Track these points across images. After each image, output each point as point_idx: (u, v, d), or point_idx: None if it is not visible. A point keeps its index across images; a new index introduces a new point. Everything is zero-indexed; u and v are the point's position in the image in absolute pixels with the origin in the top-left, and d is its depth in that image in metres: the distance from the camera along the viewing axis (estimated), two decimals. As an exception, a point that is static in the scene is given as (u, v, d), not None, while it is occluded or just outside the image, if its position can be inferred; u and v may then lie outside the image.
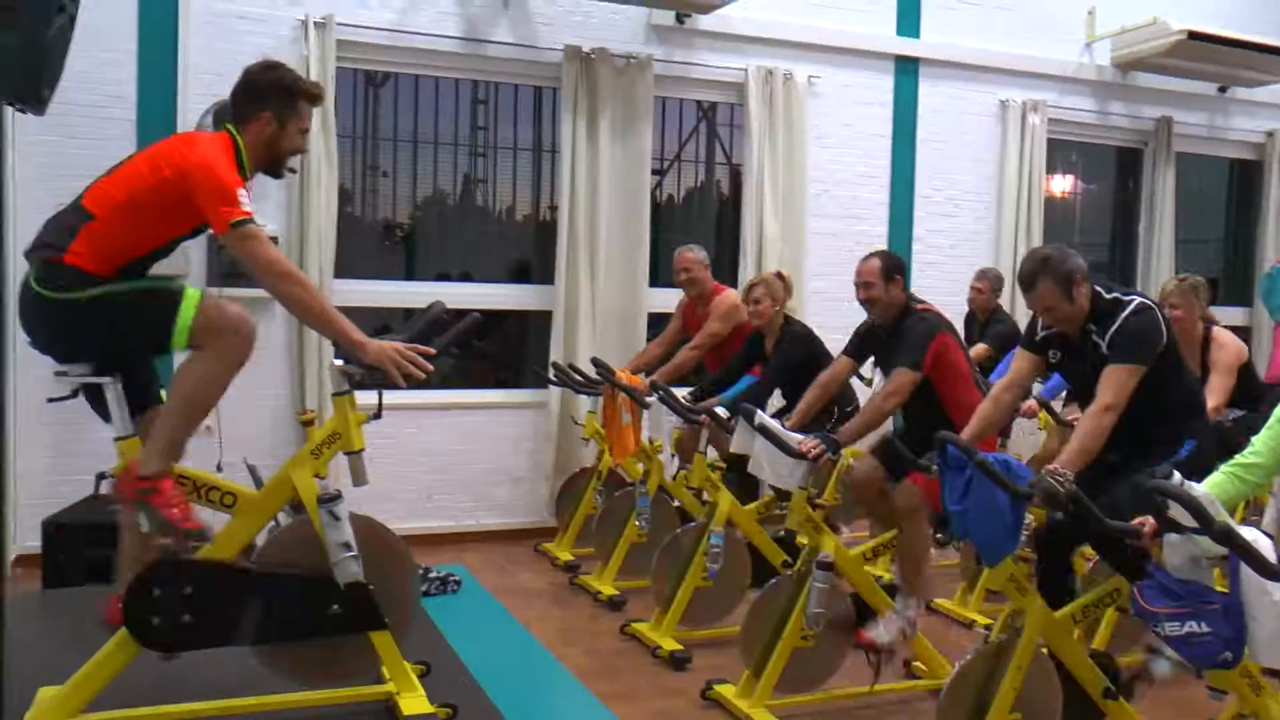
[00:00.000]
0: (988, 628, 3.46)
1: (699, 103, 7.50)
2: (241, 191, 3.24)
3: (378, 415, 3.63)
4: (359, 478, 3.61)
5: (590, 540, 5.91)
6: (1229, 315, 8.27)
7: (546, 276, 6.87)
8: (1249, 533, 2.50)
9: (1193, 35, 7.71)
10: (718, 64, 7.13)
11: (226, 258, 5.44)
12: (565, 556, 6.14)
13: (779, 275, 5.54)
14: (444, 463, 6.65)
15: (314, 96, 3.58)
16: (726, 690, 4.14)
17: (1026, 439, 6.43)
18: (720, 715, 4.08)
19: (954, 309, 7.00)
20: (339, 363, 3.54)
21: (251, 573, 3.47)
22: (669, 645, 4.66)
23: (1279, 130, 9.12)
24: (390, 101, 6.86)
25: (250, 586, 3.45)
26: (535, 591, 5.69)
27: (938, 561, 5.51)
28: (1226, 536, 2.44)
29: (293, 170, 3.76)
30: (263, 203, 5.75)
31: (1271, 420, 3.01)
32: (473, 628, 5.02)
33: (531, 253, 7.27)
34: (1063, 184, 9.08)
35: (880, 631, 4.13)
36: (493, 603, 5.44)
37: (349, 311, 3.70)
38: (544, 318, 6.87)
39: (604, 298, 6.81)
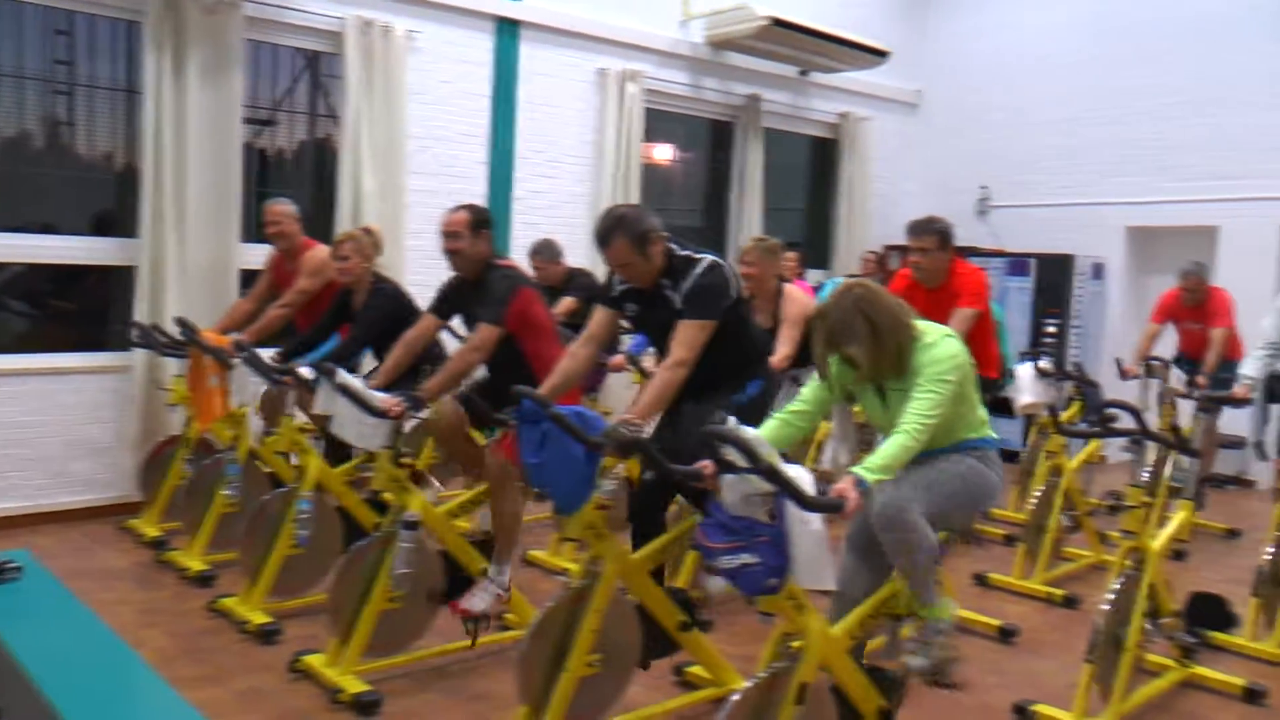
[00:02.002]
0: (581, 576, 3.54)
1: (303, 52, 7.18)
2: None
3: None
4: None
5: (179, 514, 5.56)
6: (808, 277, 8.96)
7: (132, 229, 6.34)
8: (793, 470, 2.69)
9: (776, 22, 8.36)
10: (314, 10, 6.82)
11: None
12: (151, 532, 5.75)
13: (367, 230, 5.39)
14: (13, 436, 6.01)
15: None
16: (315, 660, 4.02)
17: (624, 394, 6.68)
18: (309, 687, 3.95)
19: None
20: None
21: None
22: (258, 619, 4.47)
23: (851, 113, 10.04)
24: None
25: None
26: (115, 572, 5.27)
27: (530, 515, 5.57)
28: (772, 473, 2.62)
29: None
30: None
31: (816, 373, 3.30)
32: (34, 618, 4.53)
33: (117, 203, 6.67)
34: (665, 152, 9.48)
35: (475, 600, 4.15)
36: (61, 589, 4.91)
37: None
38: (128, 274, 6.34)
39: (193, 253, 6.37)
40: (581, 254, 7.70)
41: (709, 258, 3.77)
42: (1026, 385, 5.99)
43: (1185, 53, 9.13)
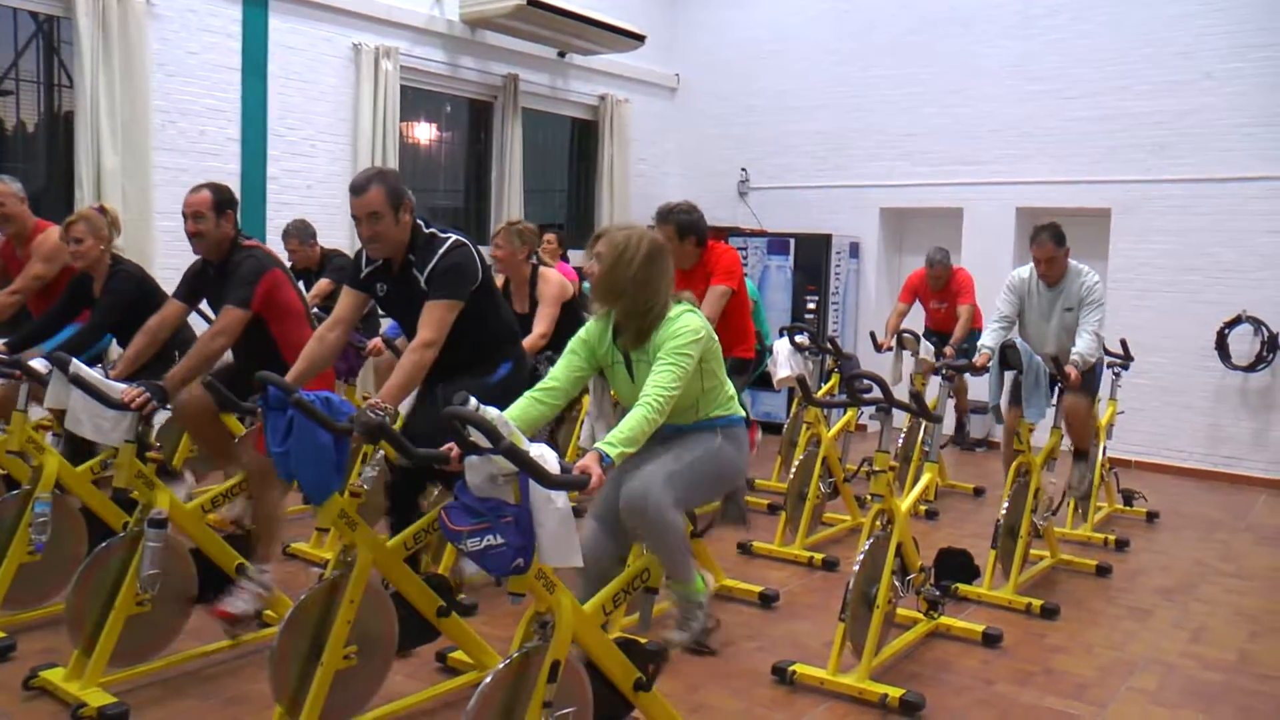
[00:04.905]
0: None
1: (34, 15, 6.69)
2: None
3: None
4: None
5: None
6: (572, 259, 9.01)
7: None
8: (536, 449, 2.68)
9: (531, 2, 8.33)
10: (38, -34, 6.44)
11: None
12: None
13: (102, 209, 5.05)
14: None
15: None
16: (54, 675, 3.76)
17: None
18: (48, 704, 3.69)
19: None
20: None
21: None
22: (-12, 636, 4.15)
23: (610, 95, 10.13)
24: None
25: None
26: None
27: (292, 506, 5.39)
28: (513, 453, 2.60)
29: None
30: None
31: (566, 351, 3.35)
32: None
33: None
34: (426, 132, 9.33)
35: (236, 602, 3.99)
36: None
37: None
38: None
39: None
40: (338, 236, 7.52)
41: (454, 237, 3.76)
42: (783, 360, 6.19)
43: (929, 47, 9.69)
